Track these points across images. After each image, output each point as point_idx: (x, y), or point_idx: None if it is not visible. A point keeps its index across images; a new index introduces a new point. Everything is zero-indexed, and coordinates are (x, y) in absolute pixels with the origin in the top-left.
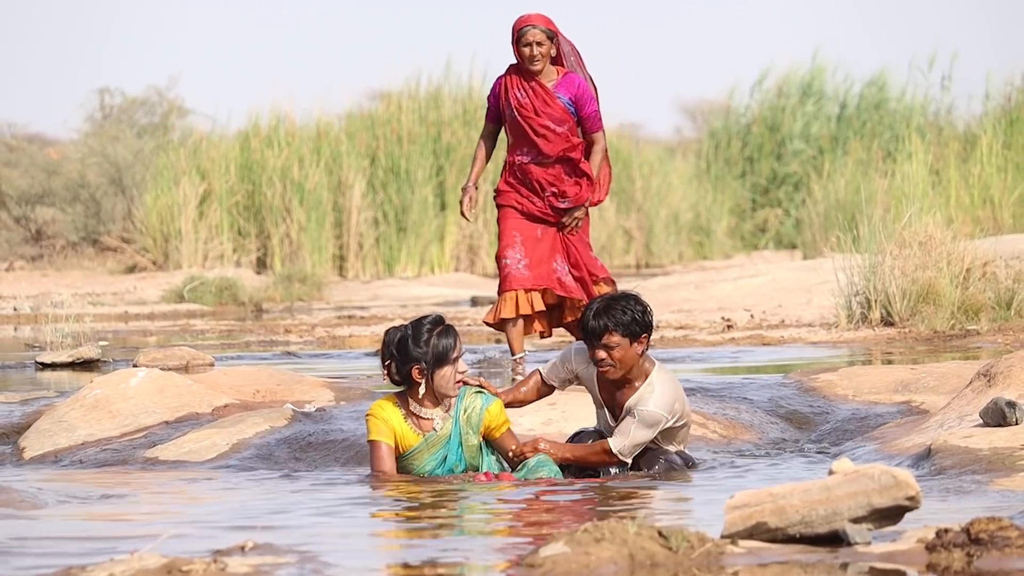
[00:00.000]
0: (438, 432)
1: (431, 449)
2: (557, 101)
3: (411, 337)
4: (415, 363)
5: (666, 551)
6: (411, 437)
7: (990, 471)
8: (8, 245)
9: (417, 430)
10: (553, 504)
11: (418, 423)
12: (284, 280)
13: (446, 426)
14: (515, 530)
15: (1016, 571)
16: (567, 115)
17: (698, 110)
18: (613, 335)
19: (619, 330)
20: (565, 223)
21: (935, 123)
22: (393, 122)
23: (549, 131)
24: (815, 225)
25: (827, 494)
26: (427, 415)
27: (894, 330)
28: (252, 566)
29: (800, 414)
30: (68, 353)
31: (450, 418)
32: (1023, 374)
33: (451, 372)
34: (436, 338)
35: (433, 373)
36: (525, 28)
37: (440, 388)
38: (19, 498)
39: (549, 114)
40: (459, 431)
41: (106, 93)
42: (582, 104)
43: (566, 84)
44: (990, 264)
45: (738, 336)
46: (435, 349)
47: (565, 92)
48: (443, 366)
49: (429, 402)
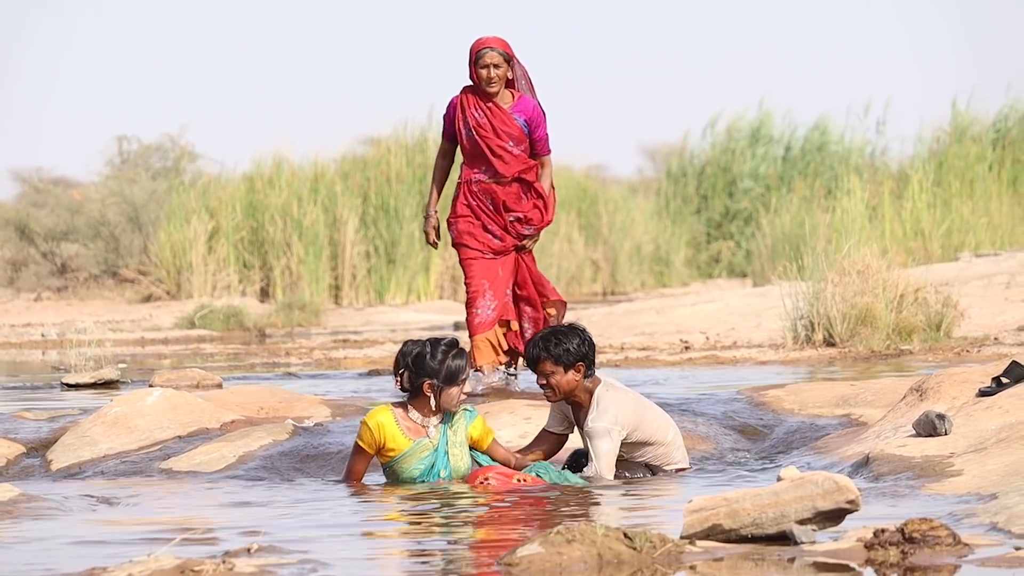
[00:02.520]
0: (430, 439)
1: (419, 454)
2: (514, 121)
3: (428, 354)
4: (428, 378)
5: (631, 551)
6: (401, 441)
7: (922, 477)
8: (36, 278)
9: (408, 435)
10: (531, 506)
11: (411, 429)
12: (285, 308)
13: (436, 435)
14: (499, 531)
15: (946, 566)
16: (523, 135)
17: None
18: (546, 364)
19: (552, 359)
20: (526, 245)
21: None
22: (383, 164)
23: (506, 152)
24: (764, 256)
25: (776, 498)
26: (423, 423)
27: (835, 350)
28: (258, 566)
29: (751, 426)
30: (90, 375)
31: (439, 429)
32: (952, 389)
33: (458, 392)
34: (451, 359)
35: (442, 390)
36: (483, 51)
37: (445, 404)
38: (47, 505)
39: (508, 133)
40: (446, 441)
41: (124, 140)
42: (534, 126)
43: (521, 107)
44: (921, 290)
45: (695, 356)
46: (448, 369)
47: (521, 114)
48: (452, 386)
49: (431, 413)
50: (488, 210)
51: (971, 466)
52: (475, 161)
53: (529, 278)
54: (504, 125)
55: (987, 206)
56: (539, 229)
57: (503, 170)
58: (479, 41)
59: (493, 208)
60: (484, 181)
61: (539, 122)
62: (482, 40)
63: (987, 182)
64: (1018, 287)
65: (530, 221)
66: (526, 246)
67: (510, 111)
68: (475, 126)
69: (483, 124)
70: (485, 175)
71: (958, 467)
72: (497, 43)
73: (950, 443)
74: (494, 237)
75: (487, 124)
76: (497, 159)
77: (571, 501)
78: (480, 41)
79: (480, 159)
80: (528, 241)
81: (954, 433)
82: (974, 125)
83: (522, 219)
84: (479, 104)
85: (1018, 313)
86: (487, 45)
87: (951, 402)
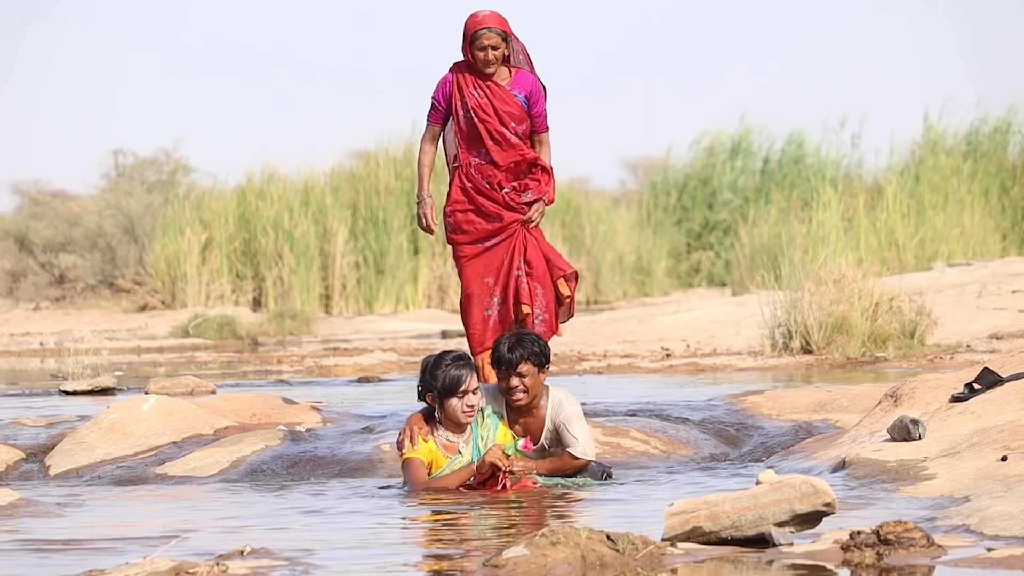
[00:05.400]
0: (462, 456)
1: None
2: (514, 99)
3: (432, 366)
4: (429, 390)
5: (614, 553)
6: (440, 458)
7: (897, 480)
8: (35, 288)
9: (444, 452)
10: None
11: (445, 446)
12: (277, 317)
13: (467, 450)
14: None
15: (920, 567)
16: (524, 113)
17: (640, 166)
18: (526, 364)
19: (532, 360)
20: (531, 218)
21: (847, 176)
22: (371, 177)
23: (504, 139)
24: (742, 266)
25: (755, 501)
26: (451, 440)
27: (812, 357)
28: (250, 568)
29: (730, 431)
30: (88, 382)
31: (470, 444)
32: (925, 395)
33: (458, 404)
34: (449, 370)
35: (443, 402)
36: (480, 32)
37: (450, 416)
38: (45, 509)
39: (509, 113)
40: (479, 454)
41: (120, 154)
42: (533, 102)
43: (520, 82)
44: (896, 299)
45: (676, 363)
46: (444, 380)
47: (520, 90)
48: (451, 397)
49: (449, 427)
50: (483, 188)
51: (944, 470)
52: (474, 144)
53: (540, 255)
54: (504, 104)
55: (959, 217)
56: (540, 195)
57: (498, 158)
58: (474, 19)
59: (488, 185)
60: (482, 164)
61: (538, 97)
62: (478, 18)
63: (959, 193)
64: (990, 296)
65: (527, 188)
66: (532, 218)
67: (508, 87)
68: (475, 107)
69: (484, 105)
70: (483, 158)
71: (932, 471)
72: (494, 20)
73: (924, 447)
74: (489, 219)
75: (488, 105)
76: (495, 145)
77: (556, 503)
78: (476, 20)
79: (477, 143)
80: (534, 213)
81: (928, 438)
82: (946, 138)
83: (517, 188)
84: (477, 84)
85: (990, 321)
86: (484, 25)
87: (925, 408)
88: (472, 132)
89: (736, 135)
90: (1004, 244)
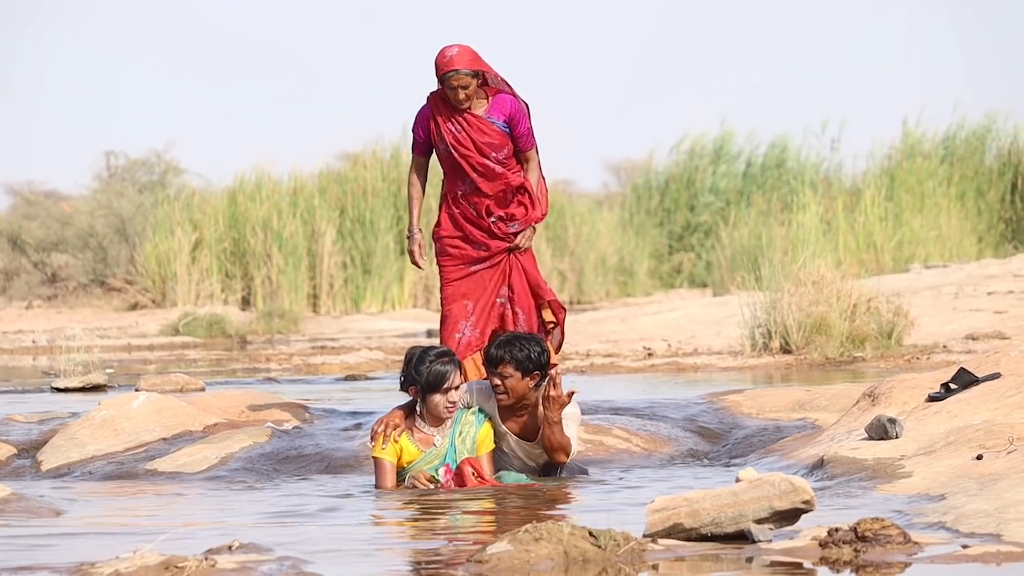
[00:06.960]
0: (437, 448)
1: (429, 463)
2: (493, 127)
3: (416, 360)
4: (412, 384)
5: (596, 548)
6: (412, 451)
7: (874, 478)
8: (27, 287)
9: (419, 446)
10: (509, 507)
11: (423, 440)
12: (265, 316)
13: (443, 444)
14: (473, 530)
15: (896, 564)
16: (505, 139)
17: (622, 168)
18: (507, 367)
19: (512, 364)
20: (519, 244)
21: (826, 179)
22: (359, 179)
23: (488, 169)
24: (723, 267)
25: (734, 499)
26: (428, 431)
27: (791, 357)
28: (238, 563)
29: (711, 429)
30: (79, 379)
31: (446, 437)
32: (902, 395)
33: (441, 400)
34: (433, 365)
35: (426, 396)
36: (448, 74)
37: (432, 410)
38: (36, 504)
39: (489, 144)
40: (454, 450)
41: (112, 155)
42: (516, 122)
43: (498, 107)
44: (873, 300)
45: (657, 363)
46: (428, 375)
47: (498, 115)
48: (434, 393)
49: (429, 420)
50: (471, 216)
51: (921, 468)
52: (457, 175)
53: (524, 281)
54: (483, 136)
55: (936, 220)
56: (527, 224)
57: (485, 188)
58: (443, 60)
59: (476, 213)
60: (468, 192)
61: (520, 117)
62: (446, 58)
63: (936, 197)
64: (966, 297)
65: (513, 218)
66: (519, 245)
67: (486, 115)
68: (453, 143)
69: (463, 140)
70: (468, 187)
71: (908, 469)
72: (462, 61)
73: (901, 446)
74: (475, 246)
75: (466, 139)
76: (479, 176)
77: (539, 499)
78: (444, 60)
79: (461, 173)
80: (522, 239)
81: (905, 436)
82: (924, 143)
83: (504, 217)
84: (453, 117)
85: (966, 322)
86: (452, 67)
87: (902, 407)
88: (453, 165)
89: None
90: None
